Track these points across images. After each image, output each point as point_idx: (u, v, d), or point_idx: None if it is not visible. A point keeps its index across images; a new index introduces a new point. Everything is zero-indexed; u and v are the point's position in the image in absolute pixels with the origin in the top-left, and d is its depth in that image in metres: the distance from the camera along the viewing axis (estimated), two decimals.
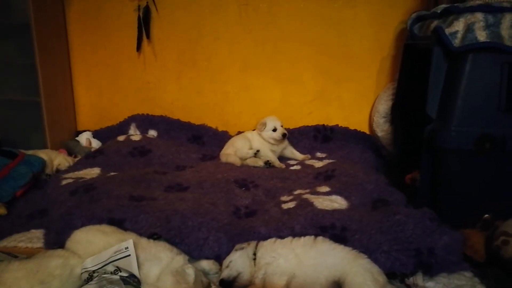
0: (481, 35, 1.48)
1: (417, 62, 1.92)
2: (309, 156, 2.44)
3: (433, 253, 1.43)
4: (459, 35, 1.52)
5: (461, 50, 1.51)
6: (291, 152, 2.46)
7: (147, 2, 2.59)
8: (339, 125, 2.51)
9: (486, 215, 1.64)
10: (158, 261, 1.31)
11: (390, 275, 1.40)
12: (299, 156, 2.43)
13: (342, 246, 1.38)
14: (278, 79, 2.61)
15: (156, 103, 2.78)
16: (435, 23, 1.71)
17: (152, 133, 2.72)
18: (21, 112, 2.64)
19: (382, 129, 2.38)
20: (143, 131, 2.72)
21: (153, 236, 1.51)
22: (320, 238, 1.42)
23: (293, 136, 2.54)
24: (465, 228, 1.60)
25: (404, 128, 2.15)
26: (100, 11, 2.72)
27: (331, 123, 2.52)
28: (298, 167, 2.31)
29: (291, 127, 2.55)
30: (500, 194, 1.60)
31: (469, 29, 1.50)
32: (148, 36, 2.66)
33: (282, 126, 2.34)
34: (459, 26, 1.53)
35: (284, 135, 2.33)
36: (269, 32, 2.55)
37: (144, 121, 2.74)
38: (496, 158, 1.53)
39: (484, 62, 1.51)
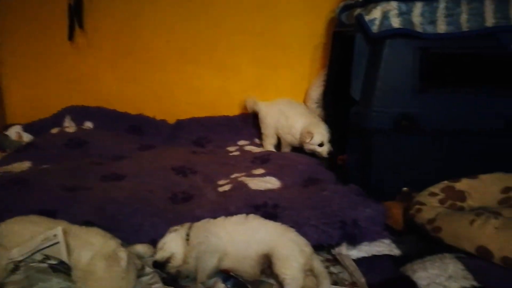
0: (395, 22, 1.60)
1: (345, 49, 2.03)
2: None
3: (357, 225, 1.53)
4: (377, 22, 1.64)
5: (379, 35, 1.63)
6: None
7: None
8: None
9: (405, 188, 1.80)
10: (89, 246, 1.29)
11: (318, 247, 1.50)
12: None
13: (272, 222, 1.45)
14: (216, 68, 2.63)
15: (91, 94, 2.70)
16: (358, 11, 1.82)
17: (89, 124, 2.63)
18: None
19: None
20: (79, 123, 2.63)
21: (87, 224, 1.50)
22: (251, 215, 1.47)
23: (235, 123, 2.60)
24: (387, 201, 1.74)
25: (335, 113, 2.27)
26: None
27: None
28: (237, 153, 2.37)
29: (231, 115, 2.61)
30: (418, 168, 1.74)
31: (385, 16, 1.62)
32: (80, 26, 2.57)
33: (330, 142, 2.12)
34: (377, 13, 1.65)
35: (330, 154, 2.12)
36: (206, 22, 2.57)
37: (80, 113, 2.65)
38: (413, 136, 1.67)
39: (400, 47, 1.64)
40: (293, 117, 2.29)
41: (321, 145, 2.11)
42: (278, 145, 2.40)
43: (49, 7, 2.59)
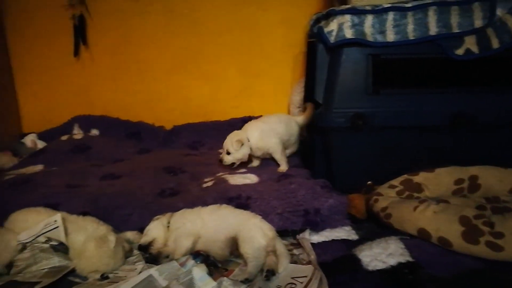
0: (348, 33, 1.81)
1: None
2: None
3: (319, 213, 1.71)
4: (334, 33, 1.85)
5: (335, 45, 1.84)
6: None
7: (81, 11, 2.81)
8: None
9: (369, 182, 1.98)
10: (83, 231, 1.54)
11: (284, 232, 1.70)
12: None
13: (240, 210, 1.65)
14: (205, 78, 2.90)
15: (96, 104, 3.00)
16: (322, 23, 2.04)
17: (95, 132, 2.93)
18: None
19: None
20: (86, 131, 2.93)
21: (84, 215, 1.75)
22: (223, 205, 1.68)
23: (224, 128, 2.82)
24: (352, 193, 1.93)
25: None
26: (37, 20, 2.91)
27: (255, 114, 2.81)
28: None
29: (221, 119, 2.85)
30: (375, 162, 1.93)
31: (340, 28, 1.83)
32: (84, 42, 2.88)
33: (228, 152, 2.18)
34: (334, 25, 1.86)
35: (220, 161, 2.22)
36: (193, 35, 2.84)
37: (86, 121, 2.95)
38: (366, 133, 1.86)
39: (354, 55, 1.84)
40: None
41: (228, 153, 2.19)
42: None
43: (56, 28, 2.90)
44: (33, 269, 1.43)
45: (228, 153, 2.19)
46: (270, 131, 2.22)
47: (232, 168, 2.23)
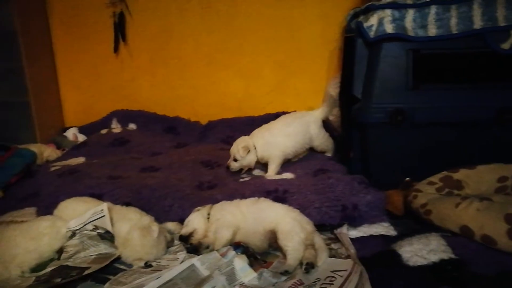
0: (388, 28, 1.79)
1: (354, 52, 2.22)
2: None
3: (357, 208, 1.71)
4: (374, 28, 1.84)
5: (374, 40, 1.82)
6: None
7: (121, 9, 2.89)
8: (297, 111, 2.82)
9: (407, 178, 1.96)
10: (128, 220, 1.60)
11: (321, 227, 1.71)
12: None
13: (279, 204, 1.66)
14: (240, 74, 2.94)
15: (133, 99, 3.09)
16: (360, 18, 2.03)
17: (132, 126, 3.02)
18: (12, 112, 2.89)
19: (332, 113, 2.69)
20: (124, 125, 3.02)
21: (127, 205, 1.81)
22: (262, 198, 1.70)
23: (257, 123, 2.84)
24: (389, 189, 1.92)
25: (347, 111, 2.46)
26: (80, 18, 3.03)
27: (290, 110, 2.82)
28: None
29: (255, 115, 2.87)
30: (414, 159, 1.91)
31: (380, 23, 1.82)
32: (124, 39, 2.97)
33: (235, 159, 2.13)
34: (373, 20, 1.84)
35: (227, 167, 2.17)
36: (230, 32, 2.88)
37: (124, 116, 3.05)
38: (406, 129, 1.84)
39: (394, 50, 1.82)
40: None
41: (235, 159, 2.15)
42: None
43: (97, 25, 3.01)
44: (82, 255, 1.49)
45: (235, 160, 2.15)
46: (276, 144, 2.16)
47: (241, 174, 2.20)
